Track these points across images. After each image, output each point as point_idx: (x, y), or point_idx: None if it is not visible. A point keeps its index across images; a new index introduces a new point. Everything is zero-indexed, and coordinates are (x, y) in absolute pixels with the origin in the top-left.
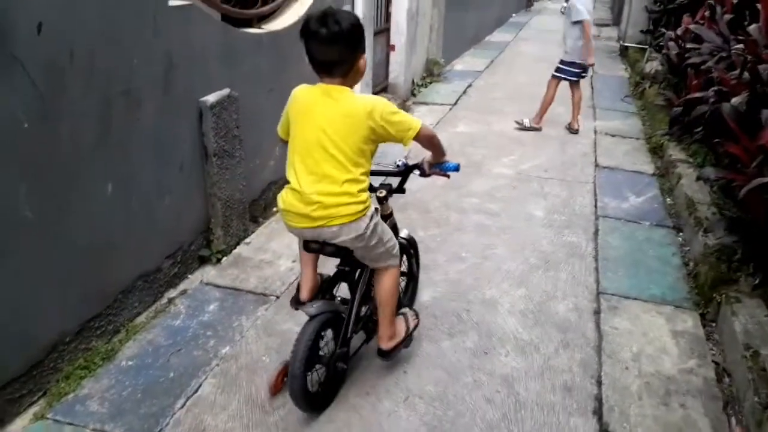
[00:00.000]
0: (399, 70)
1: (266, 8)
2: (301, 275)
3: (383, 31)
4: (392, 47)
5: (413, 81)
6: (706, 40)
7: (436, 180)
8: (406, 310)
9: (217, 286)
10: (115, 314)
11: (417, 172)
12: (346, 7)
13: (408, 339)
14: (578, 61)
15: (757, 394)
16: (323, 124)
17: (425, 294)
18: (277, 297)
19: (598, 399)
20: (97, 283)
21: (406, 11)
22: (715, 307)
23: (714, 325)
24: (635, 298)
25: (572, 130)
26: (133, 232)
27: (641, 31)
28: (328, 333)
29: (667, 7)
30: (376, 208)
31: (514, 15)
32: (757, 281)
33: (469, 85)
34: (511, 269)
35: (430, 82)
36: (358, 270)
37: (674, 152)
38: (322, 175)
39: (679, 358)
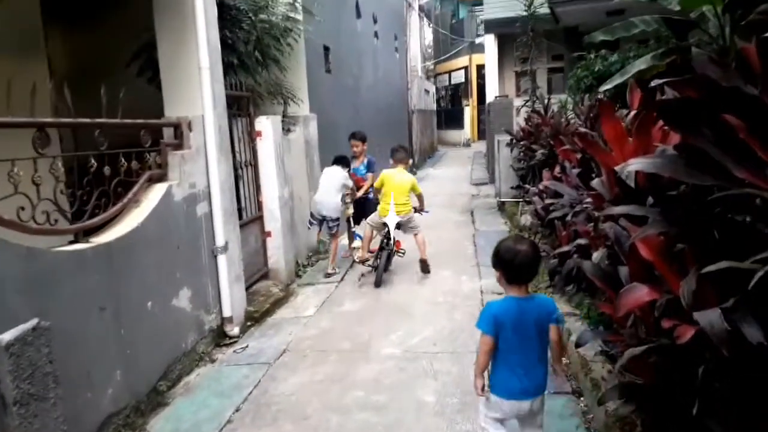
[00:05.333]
0: (278, 254)
1: (94, 221)
2: (370, 246)
3: (257, 219)
4: (268, 233)
5: (297, 262)
6: (563, 193)
7: (316, 374)
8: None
9: None
10: None
11: (414, 212)
12: (202, 204)
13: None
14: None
15: None
16: (398, 182)
17: None
18: None
19: None
20: None
21: (278, 198)
22: None
23: None
24: None
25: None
26: None
27: (512, 187)
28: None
29: (529, 164)
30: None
31: None
32: None
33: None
34: None
35: (317, 260)
36: (392, 237)
37: (559, 305)
38: (399, 200)
39: None
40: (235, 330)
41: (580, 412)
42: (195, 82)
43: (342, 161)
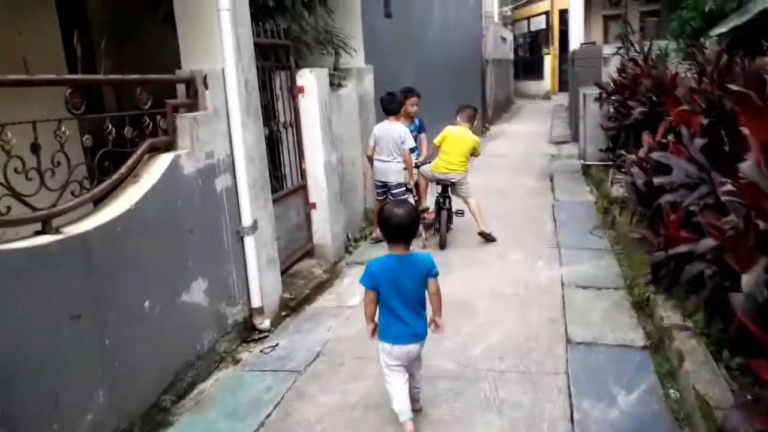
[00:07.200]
0: (325, 228)
1: (66, 206)
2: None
3: (300, 188)
4: (313, 205)
5: (348, 236)
6: (675, 168)
7: (350, 394)
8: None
9: None
10: None
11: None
12: (223, 177)
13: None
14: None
15: None
16: (460, 140)
17: None
18: None
19: None
20: None
21: (323, 164)
22: None
23: None
24: None
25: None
26: None
27: (600, 150)
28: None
29: (623, 123)
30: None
31: None
32: None
33: None
34: None
35: (371, 233)
36: (449, 196)
37: (665, 312)
38: (456, 158)
39: None
40: (265, 323)
41: None
42: (213, 26)
43: (392, 104)
